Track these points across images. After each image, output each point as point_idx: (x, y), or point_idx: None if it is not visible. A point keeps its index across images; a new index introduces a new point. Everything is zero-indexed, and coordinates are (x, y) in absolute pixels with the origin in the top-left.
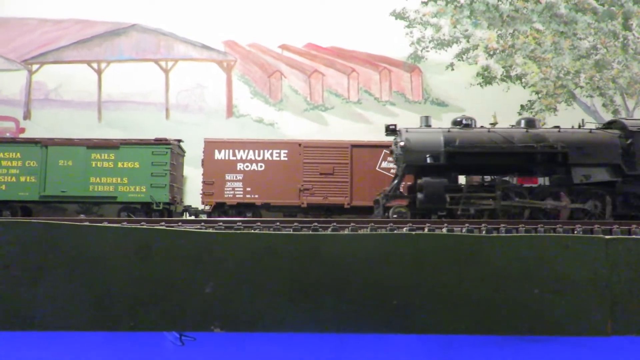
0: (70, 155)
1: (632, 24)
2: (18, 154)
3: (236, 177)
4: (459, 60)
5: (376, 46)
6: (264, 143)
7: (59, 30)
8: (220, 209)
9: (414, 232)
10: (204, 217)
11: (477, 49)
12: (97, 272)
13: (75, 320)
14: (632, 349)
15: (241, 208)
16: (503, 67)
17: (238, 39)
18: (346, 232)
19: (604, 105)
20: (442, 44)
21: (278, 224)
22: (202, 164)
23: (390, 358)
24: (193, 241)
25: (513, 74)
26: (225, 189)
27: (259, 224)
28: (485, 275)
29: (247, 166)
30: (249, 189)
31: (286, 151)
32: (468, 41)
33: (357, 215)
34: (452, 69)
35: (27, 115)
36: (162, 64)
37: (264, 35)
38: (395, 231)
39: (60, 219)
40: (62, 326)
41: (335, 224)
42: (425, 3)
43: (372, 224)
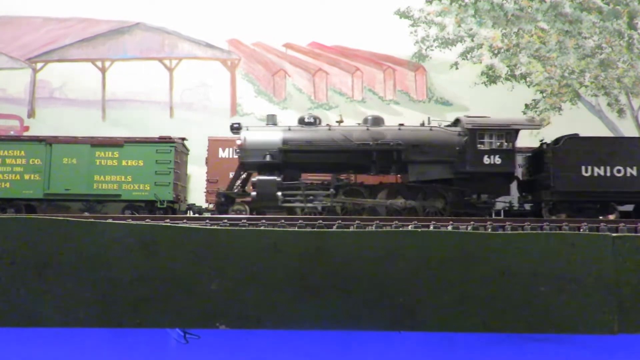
0: (74, 154)
1: (637, 23)
2: (22, 152)
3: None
4: (464, 59)
5: (380, 45)
6: None
7: (63, 28)
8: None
9: (419, 230)
10: (208, 215)
11: (481, 48)
12: (103, 269)
13: (81, 317)
14: None
15: None
16: (507, 66)
17: (242, 38)
18: (351, 229)
19: (608, 104)
20: (447, 43)
21: (283, 221)
22: (206, 163)
23: (395, 355)
24: (198, 238)
25: (517, 73)
26: None
27: (264, 221)
28: (491, 273)
29: None
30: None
31: None
32: (472, 40)
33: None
34: (457, 68)
35: (31, 114)
36: (167, 62)
37: (268, 34)
38: (401, 229)
39: (65, 217)
40: (67, 322)
41: (340, 221)
42: (430, 2)
43: (378, 221)
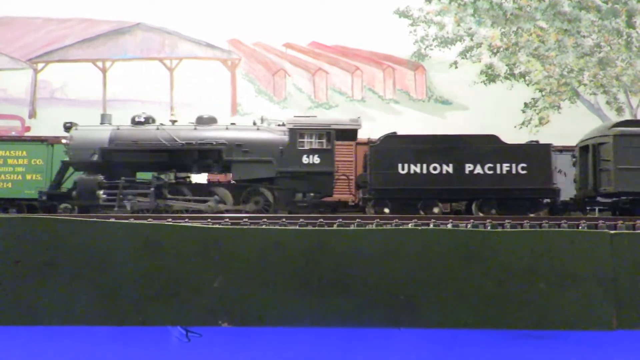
0: None
1: (635, 22)
2: (24, 152)
3: None
4: (463, 58)
5: (380, 44)
6: None
7: (63, 29)
8: None
9: (419, 228)
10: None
11: (480, 47)
12: (106, 267)
13: (84, 315)
14: (638, 343)
15: None
16: (507, 65)
17: (242, 38)
18: (352, 227)
19: (607, 102)
20: (446, 42)
21: (284, 219)
22: None
23: (397, 352)
24: (201, 236)
25: (517, 71)
26: None
27: (265, 219)
28: (491, 270)
29: None
30: None
31: None
32: (472, 39)
33: (361, 212)
34: (456, 67)
35: (32, 114)
36: (167, 62)
37: (269, 33)
38: (401, 227)
39: (68, 216)
40: (70, 321)
41: (341, 219)
42: (429, 1)
43: (378, 219)
